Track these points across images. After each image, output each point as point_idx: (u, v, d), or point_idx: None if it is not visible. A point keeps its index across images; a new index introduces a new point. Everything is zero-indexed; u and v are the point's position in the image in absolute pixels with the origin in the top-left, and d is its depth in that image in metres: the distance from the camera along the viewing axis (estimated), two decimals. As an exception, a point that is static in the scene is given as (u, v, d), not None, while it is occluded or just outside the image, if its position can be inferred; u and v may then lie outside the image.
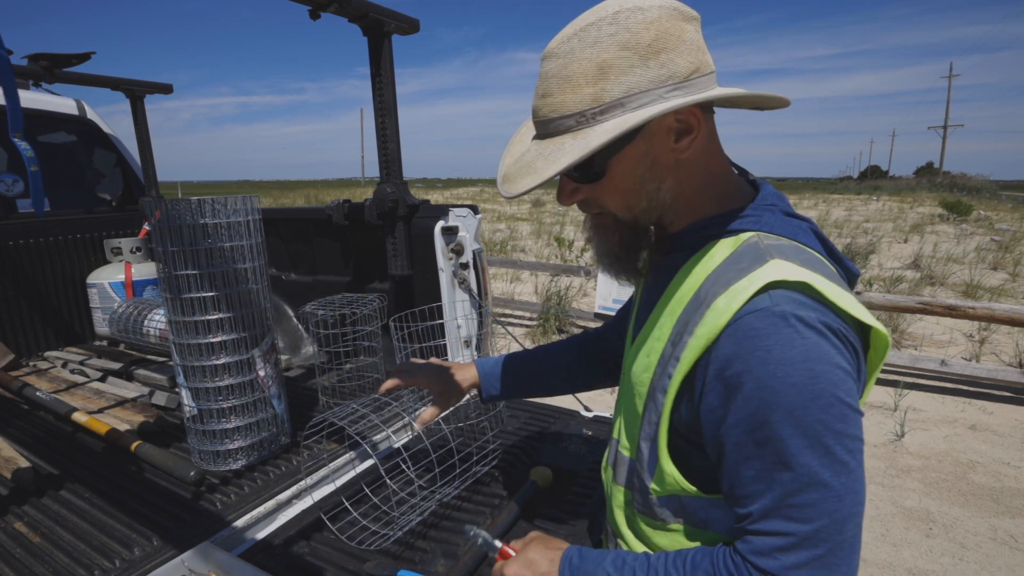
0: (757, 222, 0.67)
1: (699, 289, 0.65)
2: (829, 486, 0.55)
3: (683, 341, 0.64)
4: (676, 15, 0.61)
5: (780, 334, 0.55)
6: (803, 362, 0.54)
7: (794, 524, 0.56)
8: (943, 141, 55.29)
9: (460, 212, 1.84)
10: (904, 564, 2.29)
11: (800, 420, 0.54)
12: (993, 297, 6.35)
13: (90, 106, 2.72)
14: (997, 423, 3.56)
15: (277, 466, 1.40)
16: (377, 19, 1.65)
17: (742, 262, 0.62)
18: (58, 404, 1.65)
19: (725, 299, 0.59)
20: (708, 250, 0.67)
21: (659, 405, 0.67)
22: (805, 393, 0.54)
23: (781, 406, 0.55)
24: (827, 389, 0.54)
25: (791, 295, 0.57)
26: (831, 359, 0.55)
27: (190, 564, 1.07)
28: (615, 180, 0.67)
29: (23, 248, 2.31)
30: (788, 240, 0.66)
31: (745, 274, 0.60)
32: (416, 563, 1.05)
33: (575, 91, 0.62)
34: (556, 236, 9.86)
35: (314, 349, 2.16)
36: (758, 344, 0.56)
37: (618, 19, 0.60)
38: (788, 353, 0.55)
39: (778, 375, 0.54)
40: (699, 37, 0.63)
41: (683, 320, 0.65)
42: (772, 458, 0.56)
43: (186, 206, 1.29)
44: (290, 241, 2.38)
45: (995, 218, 14.51)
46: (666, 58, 0.60)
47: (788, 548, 0.56)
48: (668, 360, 0.66)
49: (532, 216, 16.06)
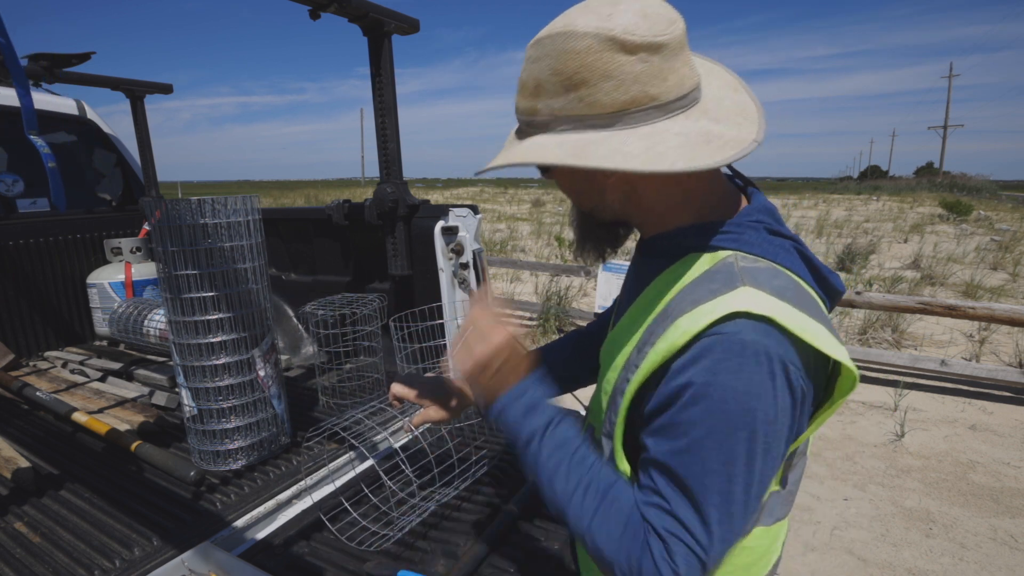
0: (736, 240, 0.65)
1: (669, 303, 0.64)
2: (716, 507, 0.58)
3: (644, 351, 0.64)
4: (610, 46, 0.56)
5: (731, 361, 0.56)
6: (743, 394, 0.55)
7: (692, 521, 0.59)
8: (943, 141, 55.31)
9: (460, 212, 1.84)
10: (904, 564, 2.29)
11: (721, 443, 0.57)
12: (993, 297, 6.35)
13: (90, 106, 2.72)
14: (997, 423, 3.56)
15: (277, 466, 1.40)
16: (377, 19, 1.65)
17: (714, 283, 0.61)
18: (58, 404, 1.65)
19: (689, 319, 0.59)
20: (687, 263, 0.66)
21: (617, 406, 0.68)
22: (733, 422, 0.56)
23: (707, 425, 0.57)
24: (755, 427, 0.56)
25: (756, 325, 0.57)
26: (771, 399, 0.56)
27: (190, 564, 1.07)
28: (559, 182, 0.72)
29: (23, 248, 2.31)
30: (766, 262, 0.64)
31: (714, 296, 0.59)
32: (416, 563, 1.05)
33: (523, 99, 0.65)
34: (556, 236, 9.86)
35: (314, 349, 2.16)
36: (708, 365, 0.57)
37: (556, 41, 0.59)
38: (732, 381, 0.56)
39: (714, 397, 0.56)
40: (645, 68, 0.57)
41: (649, 330, 0.65)
42: (679, 463, 0.59)
43: (186, 206, 1.29)
44: (290, 241, 2.38)
45: (995, 218, 14.51)
46: (585, 92, 0.58)
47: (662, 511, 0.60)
48: (630, 366, 0.67)
49: (532, 216, 16.07)
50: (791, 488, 0.71)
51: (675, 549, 0.58)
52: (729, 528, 0.59)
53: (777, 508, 0.70)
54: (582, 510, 0.63)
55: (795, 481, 0.71)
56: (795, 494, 0.72)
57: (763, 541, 0.71)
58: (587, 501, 0.63)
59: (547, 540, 1.12)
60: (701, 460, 0.58)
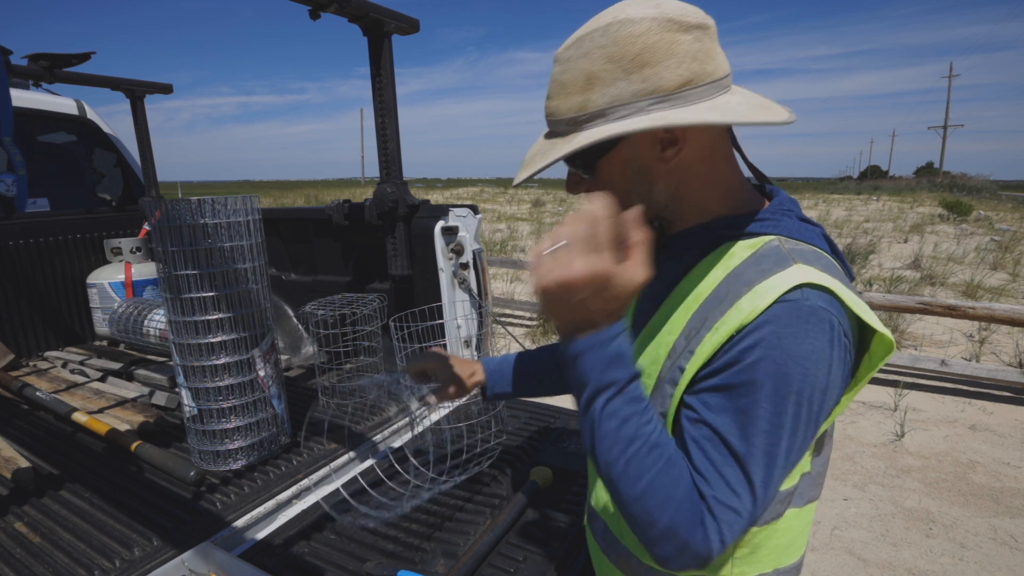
0: (776, 226, 0.69)
1: (718, 287, 0.66)
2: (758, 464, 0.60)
3: (699, 335, 0.65)
4: (669, 27, 0.61)
5: (797, 327, 0.58)
6: (805, 359, 0.58)
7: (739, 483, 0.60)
8: (943, 141, 55.29)
9: (460, 212, 1.84)
10: (904, 564, 2.30)
11: (776, 407, 0.59)
12: (993, 297, 6.35)
13: (90, 106, 2.72)
14: (997, 423, 3.56)
15: (277, 466, 1.40)
16: (377, 19, 1.65)
17: (764, 263, 0.63)
18: (58, 404, 1.65)
19: (750, 299, 0.61)
20: (726, 250, 0.69)
21: (667, 396, 0.68)
22: (791, 386, 0.58)
23: (766, 387, 0.59)
24: (810, 393, 0.59)
25: (823, 295, 0.60)
26: (829, 366, 0.59)
27: (190, 564, 1.07)
28: (606, 179, 0.70)
29: (23, 248, 2.31)
30: (807, 245, 0.68)
31: (769, 275, 0.62)
32: (416, 563, 1.05)
33: (567, 98, 0.65)
34: (556, 236, 9.85)
35: (314, 349, 2.16)
36: (774, 330, 0.58)
37: (608, 31, 0.61)
38: (796, 347, 0.58)
39: (777, 360, 0.58)
40: (700, 46, 0.62)
41: (700, 316, 0.66)
42: (745, 420, 0.60)
43: (186, 206, 1.29)
44: (290, 241, 2.38)
45: (995, 218, 14.51)
46: (650, 72, 0.61)
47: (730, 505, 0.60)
48: (680, 354, 0.67)
49: (532, 216, 16.07)
50: (819, 470, 0.73)
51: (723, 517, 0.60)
52: (767, 491, 0.60)
53: (808, 490, 0.72)
54: (642, 466, 0.60)
55: (823, 463, 0.73)
56: (824, 476, 0.75)
57: (796, 522, 0.73)
58: (651, 458, 0.60)
59: (548, 540, 1.12)
60: (754, 420, 0.59)
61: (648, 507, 0.60)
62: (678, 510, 0.60)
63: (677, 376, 0.67)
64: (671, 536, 0.60)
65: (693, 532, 0.59)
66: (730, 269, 0.66)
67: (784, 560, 0.74)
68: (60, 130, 2.65)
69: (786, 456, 0.60)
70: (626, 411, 0.62)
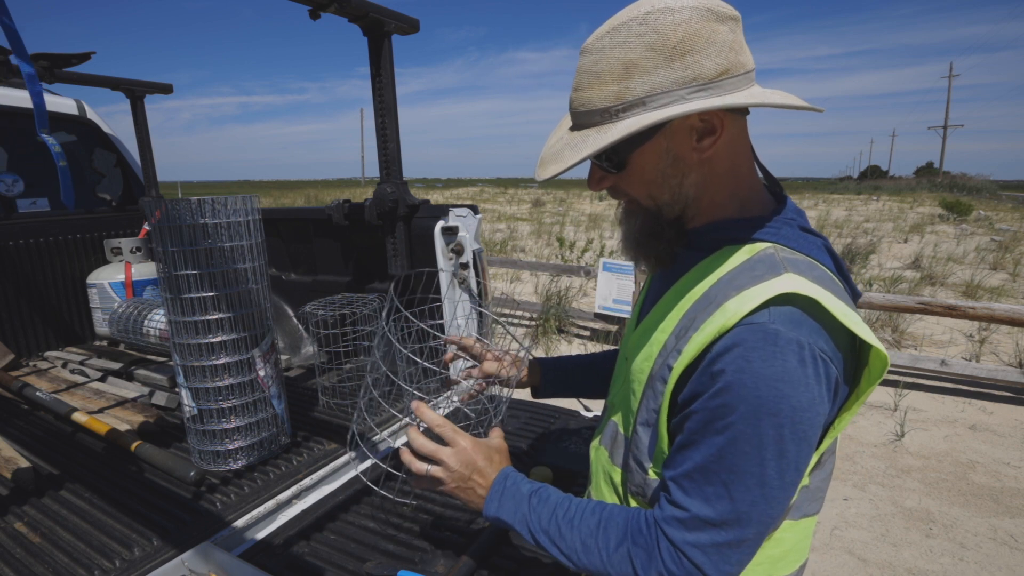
0: (776, 234, 0.69)
1: (709, 290, 0.67)
2: (750, 490, 0.61)
3: (687, 336, 0.66)
4: (708, 16, 0.61)
5: (764, 350, 0.58)
6: (775, 381, 0.58)
7: (706, 507, 0.62)
8: (943, 141, 55.29)
9: (460, 212, 1.84)
10: (904, 564, 2.30)
11: (754, 428, 0.59)
12: (993, 297, 6.35)
13: (90, 106, 2.72)
14: (997, 423, 3.56)
15: (277, 466, 1.40)
16: (377, 19, 1.65)
17: (756, 270, 0.64)
18: (58, 404, 1.65)
19: (736, 302, 0.62)
20: (725, 254, 0.69)
21: (658, 394, 0.69)
22: (765, 408, 0.58)
23: (739, 411, 0.59)
24: (785, 412, 0.58)
25: (793, 313, 0.60)
26: (802, 385, 0.58)
27: (190, 564, 1.07)
28: (638, 172, 0.70)
29: (23, 248, 2.31)
30: (803, 256, 0.68)
31: (758, 282, 0.62)
32: (416, 563, 1.05)
33: (602, 88, 0.64)
34: (557, 236, 9.86)
35: (314, 349, 2.16)
36: (742, 353, 0.59)
37: (648, 20, 0.61)
38: (765, 369, 0.58)
39: (748, 384, 0.58)
40: (735, 37, 0.63)
41: (689, 316, 0.67)
42: (713, 448, 0.61)
43: (186, 206, 1.29)
44: (290, 241, 2.38)
45: (995, 218, 14.51)
46: (691, 60, 0.61)
47: (694, 526, 0.63)
48: (670, 352, 0.68)
49: (532, 216, 16.06)
50: (819, 485, 0.73)
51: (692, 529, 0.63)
52: (763, 511, 0.61)
53: (804, 504, 0.72)
54: (587, 549, 0.71)
55: (823, 479, 0.73)
56: (824, 491, 0.75)
57: (791, 535, 0.73)
58: (588, 540, 0.71)
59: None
60: (735, 446, 0.60)
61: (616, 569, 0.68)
62: (627, 553, 0.67)
63: (667, 374, 0.68)
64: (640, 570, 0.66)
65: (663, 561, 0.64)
66: (723, 274, 0.67)
67: (778, 571, 0.74)
68: (60, 130, 2.64)
69: (779, 476, 0.60)
70: (546, 522, 0.74)
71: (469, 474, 0.80)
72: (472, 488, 0.81)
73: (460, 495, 0.81)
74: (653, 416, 0.71)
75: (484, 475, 0.81)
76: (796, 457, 0.60)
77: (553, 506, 0.75)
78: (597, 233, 11.84)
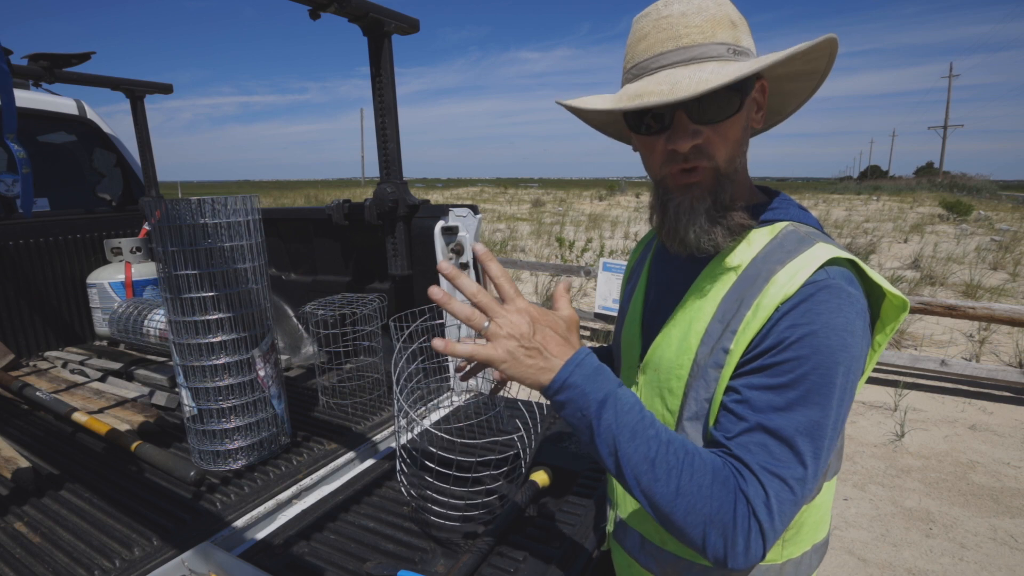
0: (786, 213, 0.74)
1: (746, 270, 0.69)
2: (825, 437, 0.62)
3: (739, 315, 0.67)
4: None
5: (831, 303, 0.62)
6: (841, 331, 0.62)
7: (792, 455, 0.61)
8: (943, 141, 55.28)
9: (460, 212, 1.84)
10: (904, 564, 2.29)
11: (826, 377, 0.61)
12: (993, 297, 6.35)
13: (90, 106, 2.72)
14: (997, 423, 3.56)
15: (277, 466, 1.40)
16: (377, 19, 1.65)
17: (787, 244, 0.69)
18: (58, 404, 1.65)
19: (786, 274, 0.65)
20: (744, 238, 0.72)
21: (711, 381, 0.69)
22: (835, 356, 0.61)
23: (812, 360, 0.61)
24: (848, 359, 0.62)
25: (843, 272, 0.65)
26: (859, 336, 0.63)
27: (190, 564, 1.07)
28: (733, 127, 0.68)
29: (23, 248, 2.31)
30: (814, 229, 0.73)
31: (796, 254, 0.66)
32: (416, 563, 1.05)
33: (719, 28, 0.66)
34: (557, 236, 9.86)
35: (314, 349, 2.16)
36: (810, 307, 0.62)
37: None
38: (833, 319, 0.62)
39: (820, 334, 0.61)
40: None
41: (734, 298, 0.69)
42: (793, 395, 0.62)
43: (186, 206, 1.29)
44: (290, 241, 2.38)
45: (995, 218, 14.51)
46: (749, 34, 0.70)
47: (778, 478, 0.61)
48: (720, 336, 0.69)
49: (532, 216, 16.06)
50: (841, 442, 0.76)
51: (770, 486, 0.60)
52: (818, 464, 0.62)
53: (834, 462, 0.75)
54: (668, 466, 0.61)
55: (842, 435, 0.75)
56: (842, 449, 0.78)
57: (827, 496, 0.75)
58: (672, 456, 0.62)
59: (548, 540, 1.12)
60: (803, 395, 0.62)
61: (685, 502, 0.60)
62: (712, 496, 0.60)
63: (722, 359, 0.68)
64: (717, 525, 0.60)
65: (736, 510, 0.60)
66: (754, 254, 0.70)
67: (818, 535, 0.76)
68: (60, 130, 2.65)
69: (834, 426, 0.63)
70: (630, 419, 0.63)
71: (532, 332, 0.64)
72: (540, 348, 0.64)
73: (523, 357, 0.63)
74: (705, 407, 0.70)
75: (559, 337, 0.66)
76: (846, 409, 0.64)
77: (637, 402, 0.65)
78: (597, 233, 11.85)
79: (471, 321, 0.64)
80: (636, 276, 0.92)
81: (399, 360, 1.12)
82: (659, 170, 0.71)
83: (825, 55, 0.68)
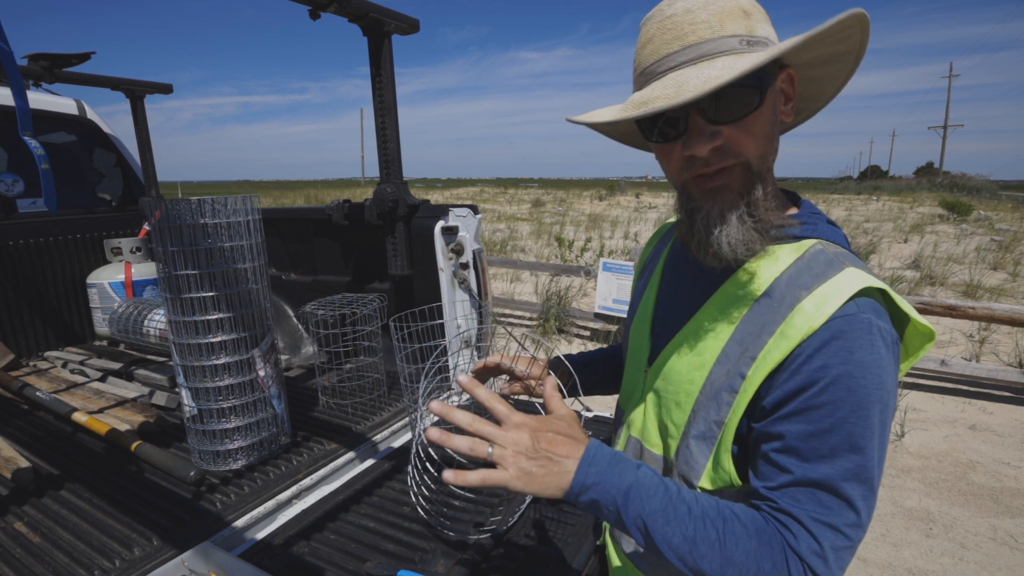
0: (815, 230, 0.69)
1: (769, 290, 0.65)
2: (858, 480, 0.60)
3: (761, 340, 0.64)
4: None
5: (863, 339, 0.59)
6: (876, 368, 0.59)
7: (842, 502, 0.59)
8: (943, 141, 55.29)
9: (460, 212, 1.84)
10: (904, 564, 2.29)
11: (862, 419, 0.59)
12: (993, 297, 6.35)
13: (90, 106, 2.72)
14: (997, 423, 3.56)
15: (277, 466, 1.40)
16: (377, 19, 1.65)
17: (815, 267, 0.64)
18: (58, 404, 1.65)
19: (813, 302, 0.62)
20: (771, 253, 0.67)
21: (723, 404, 0.67)
22: (872, 396, 0.59)
23: (849, 403, 0.59)
24: (884, 397, 0.60)
25: (873, 304, 0.61)
26: (892, 370, 0.61)
27: (190, 564, 1.07)
28: (760, 121, 0.64)
29: (23, 248, 2.31)
30: (843, 249, 0.68)
31: (824, 279, 0.63)
32: (416, 563, 1.05)
33: (730, 20, 0.62)
34: (557, 236, 9.86)
35: (314, 349, 2.16)
36: (843, 345, 0.60)
37: None
38: (866, 357, 0.59)
39: (855, 375, 0.59)
40: None
41: (755, 321, 0.66)
42: (834, 440, 0.60)
43: (186, 206, 1.29)
44: (290, 241, 2.38)
45: (995, 218, 14.51)
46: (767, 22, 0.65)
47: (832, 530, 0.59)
48: (738, 360, 0.66)
49: (532, 216, 16.06)
50: None
51: (823, 536, 0.59)
52: (869, 506, 0.60)
53: None
54: (711, 544, 0.60)
55: None
56: None
57: None
58: (709, 531, 0.61)
59: (548, 539, 1.12)
60: (846, 438, 0.59)
61: (738, 573, 0.60)
62: (760, 558, 0.59)
63: (737, 384, 0.65)
64: None
65: (789, 567, 0.59)
66: (778, 273, 0.66)
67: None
68: (60, 130, 2.65)
69: (879, 465, 0.60)
70: (659, 504, 0.62)
71: (536, 442, 0.63)
72: (550, 456, 0.62)
73: (535, 470, 0.62)
74: (715, 430, 0.68)
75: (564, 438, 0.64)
76: (886, 439, 0.62)
77: (662, 482, 0.63)
78: (597, 233, 11.85)
79: (475, 451, 0.63)
80: (649, 272, 0.88)
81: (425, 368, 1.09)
82: (679, 176, 0.68)
83: (856, 32, 0.62)
